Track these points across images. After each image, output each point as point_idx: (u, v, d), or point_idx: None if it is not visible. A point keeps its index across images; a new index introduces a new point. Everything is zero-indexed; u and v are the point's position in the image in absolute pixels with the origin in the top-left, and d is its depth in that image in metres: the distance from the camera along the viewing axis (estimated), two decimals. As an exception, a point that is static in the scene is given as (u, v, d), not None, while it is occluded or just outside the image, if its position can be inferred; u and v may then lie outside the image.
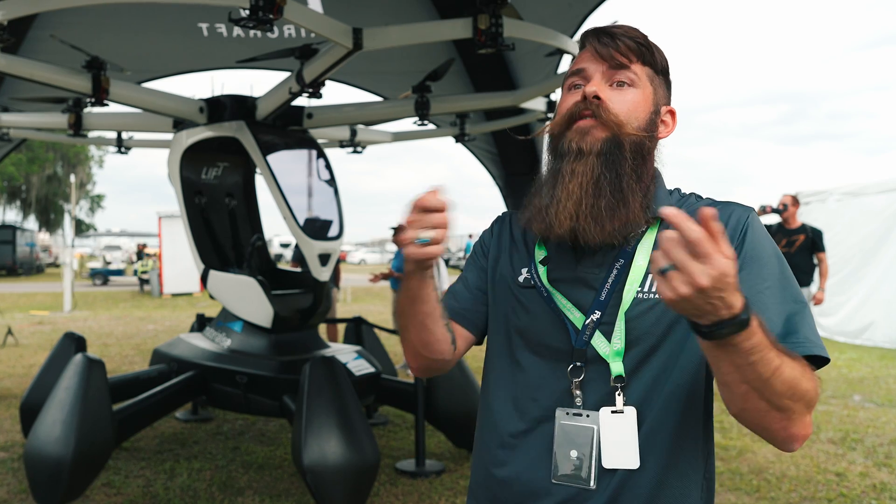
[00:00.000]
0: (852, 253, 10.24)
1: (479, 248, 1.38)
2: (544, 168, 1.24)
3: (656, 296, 1.14)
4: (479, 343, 1.39)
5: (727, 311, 0.90)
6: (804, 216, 11.03)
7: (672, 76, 1.28)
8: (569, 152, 1.18)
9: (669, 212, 0.87)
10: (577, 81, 1.22)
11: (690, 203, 1.25)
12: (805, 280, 7.07)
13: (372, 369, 4.71)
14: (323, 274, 4.64)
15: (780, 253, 1.17)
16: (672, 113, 1.26)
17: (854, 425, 5.66)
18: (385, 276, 8.10)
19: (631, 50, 1.19)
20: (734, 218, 1.17)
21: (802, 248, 7.07)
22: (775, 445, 1.07)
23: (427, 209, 1.08)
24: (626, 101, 1.18)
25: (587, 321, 1.17)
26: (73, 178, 28.06)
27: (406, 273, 1.18)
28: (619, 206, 1.14)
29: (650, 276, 1.15)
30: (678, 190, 1.29)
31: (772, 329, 1.03)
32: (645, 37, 1.21)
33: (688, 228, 0.85)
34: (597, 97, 1.17)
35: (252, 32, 5.64)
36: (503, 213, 1.41)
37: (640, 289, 1.16)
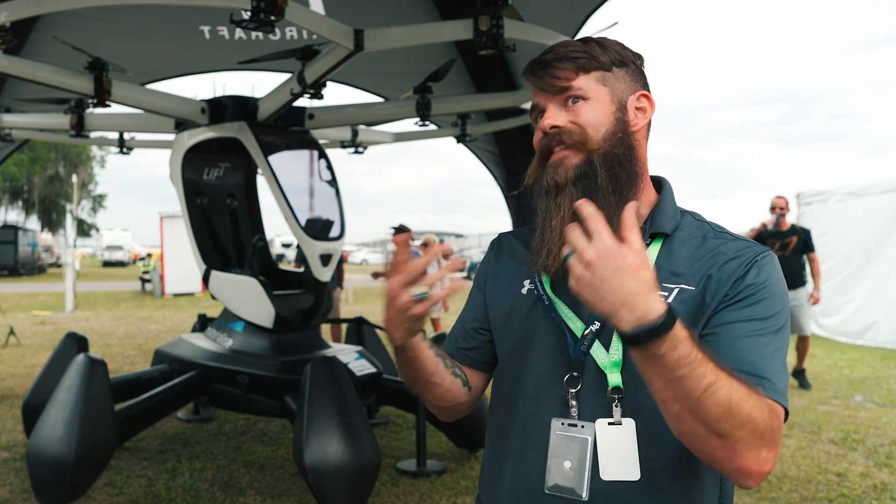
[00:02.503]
0: (854, 253, 10.25)
1: (478, 278, 1.39)
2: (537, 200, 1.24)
3: None
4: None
5: (641, 309, 0.92)
6: (805, 216, 11.06)
7: (648, 64, 1.24)
8: (549, 189, 1.18)
9: (585, 208, 0.97)
10: (537, 117, 1.22)
11: (706, 231, 1.21)
12: (800, 280, 7.12)
13: (373, 369, 4.72)
14: (324, 274, 4.64)
15: (782, 295, 1.14)
16: (646, 96, 1.22)
17: (855, 425, 5.66)
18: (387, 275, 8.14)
19: (566, 69, 1.17)
20: (747, 255, 1.14)
21: (796, 250, 7.11)
22: (730, 479, 1.02)
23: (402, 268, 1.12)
24: (585, 117, 1.16)
25: (586, 331, 1.16)
26: (74, 178, 28.11)
27: (396, 346, 1.20)
28: None
29: None
30: (692, 214, 1.25)
31: (741, 365, 1.02)
32: (579, 45, 1.19)
33: (585, 211, 0.96)
34: (554, 127, 1.17)
35: (254, 34, 5.65)
36: (498, 236, 1.41)
37: None
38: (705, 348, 0.96)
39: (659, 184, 1.26)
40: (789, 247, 7.11)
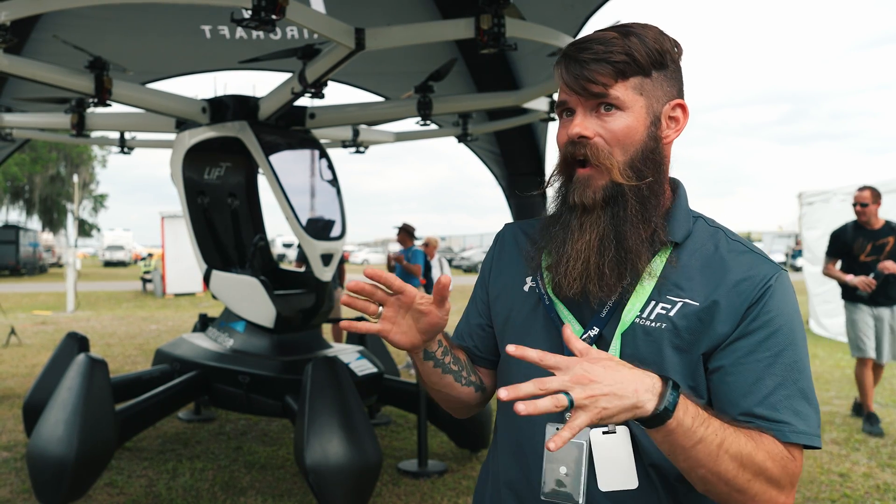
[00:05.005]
0: (856, 253, 10.20)
1: (483, 272, 1.37)
2: (553, 204, 1.19)
3: (656, 323, 1.11)
4: None
5: (648, 398, 0.94)
6: (807, 216, 11.01)
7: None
8: (575, 207, 1.13)
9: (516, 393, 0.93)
10: (564, 113, 1.16)
11: (718, 239, 1.16)
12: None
13: (374, 369, 4.71)
14: (325, 274, 4.64)
15: (798, 324, 1.10)
16: (682, 106, 1.16)
17: (858, 426, 5.65)
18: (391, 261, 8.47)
19: (604, 73, 1.08)
20: (758, 275, 1.10)
21: (893, 254, 5.29)
22: None
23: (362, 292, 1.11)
24: (616, 131, 1.10)
25: (584, 336, 1.14)
26: (76, 177, 28.09)
27: (413, 357, 1.22)
28: (625, 257, 1.10)
29: (652, 302, 1.12)
30: (705, 219, 1.20)
31: (751, 403, 1.06)
32: (620, 43, 1.09)
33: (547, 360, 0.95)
34: (582, 137, 1.11)
35: (255, 34, 5.65)
36: (504, 228, 1.37)
37: (639, 315, 1.12)
38: (708, 413, 1.01)
39: (674, 186, 1.20)
40: (885, 249, 5.31)
